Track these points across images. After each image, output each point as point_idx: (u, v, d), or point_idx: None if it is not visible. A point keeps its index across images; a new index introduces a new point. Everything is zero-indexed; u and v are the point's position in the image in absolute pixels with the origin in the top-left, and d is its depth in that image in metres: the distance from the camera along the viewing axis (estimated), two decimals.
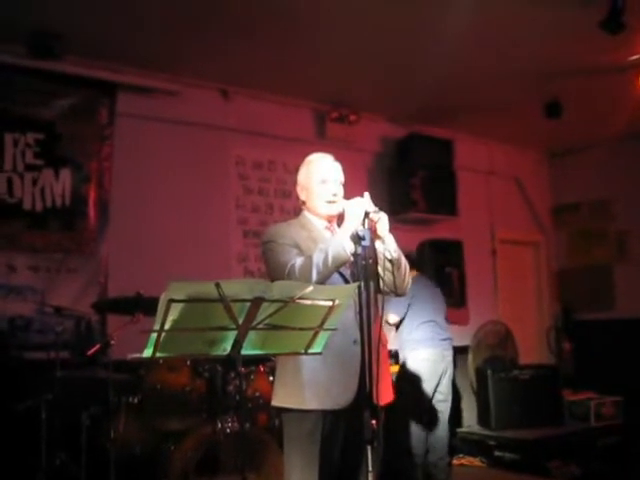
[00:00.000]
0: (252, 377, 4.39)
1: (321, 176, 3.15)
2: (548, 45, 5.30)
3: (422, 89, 6.18)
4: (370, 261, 2.87)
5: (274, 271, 2.92)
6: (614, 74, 5.77)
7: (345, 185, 3.22)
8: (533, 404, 6.17)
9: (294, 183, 3.32)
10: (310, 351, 2.26)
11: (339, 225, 3.12)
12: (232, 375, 4.28)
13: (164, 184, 5.67)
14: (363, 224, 2.86)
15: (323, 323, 2.17)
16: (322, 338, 2.24)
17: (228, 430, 4.11)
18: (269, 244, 3.03)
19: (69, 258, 5.20)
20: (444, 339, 5.16)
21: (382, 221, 2.91)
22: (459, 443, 6.15)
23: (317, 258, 2.73)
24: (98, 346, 4.14)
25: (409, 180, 6.63)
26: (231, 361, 2.13)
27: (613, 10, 4.65)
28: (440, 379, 5.09)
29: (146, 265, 5.26)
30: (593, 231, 7.85)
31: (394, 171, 6.81)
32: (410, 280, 3.14)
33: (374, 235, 2.86)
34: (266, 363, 4.45)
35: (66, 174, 5.25)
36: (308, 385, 2.89)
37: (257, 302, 1.98)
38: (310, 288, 2.05)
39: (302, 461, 2.93)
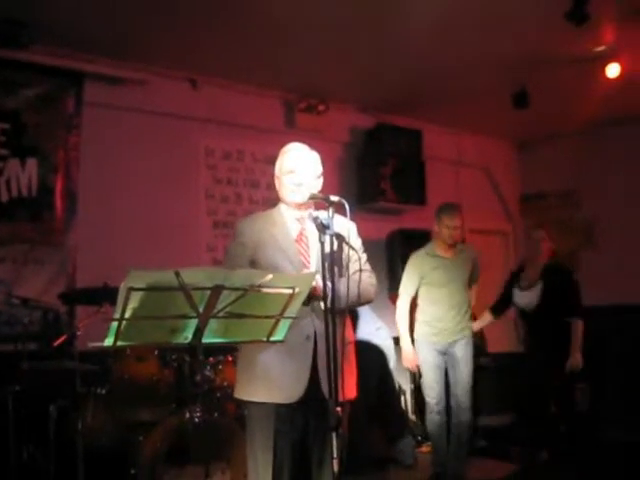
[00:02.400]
0: (220, 367, 4.39)
1: (290, 165, 3.20)
2: (515, 35, 5.34)
3: (390, 79, 6.21)
4: (336, 250, 2.92)
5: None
6: (581, 65, 5.82)
7: None
8: (501, 391, 6.26)
9: (263, 173, 3.37)
10: (272, 339, 2.28)
11: (309, 216, 3.14)
12: (200, 365, 4.29)
13: (132, 174, 5.64)
14: (328, 212, 2.90)
15: (284, 311, 2.19)
16: (283, 326, 2.27)
17: (196, 420, 4.12)
18: (232, 239, 3.20)
19: (36, 249, 5.15)
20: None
21: None
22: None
23: None
24: (64, 337, 4.12)
25: (378, 170, 6.67)
26: (193, 349, 2.14)
27: (577, 1, 4.72)
28: None
29: (114, 256, 5.22)
30: (560, 220, 7.94)
31: (363, 161, 6.86)
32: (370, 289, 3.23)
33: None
34: (234, 353, 4.46)
35: (32, 164, 5.19)
36: (261, 379, 3.00)
37: (217, 290, 1.99)
38: (270, 276, 2.07)
39: (259, 448, 3.05)
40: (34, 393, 4.15)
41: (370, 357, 5.11)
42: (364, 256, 3.27)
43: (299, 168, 3.20)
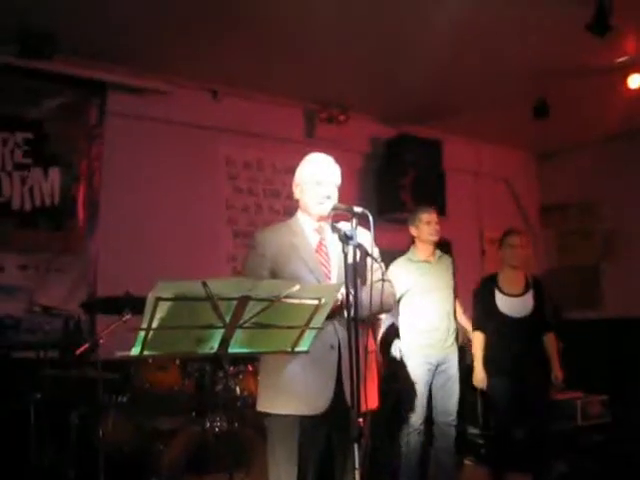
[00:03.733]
0: (240, 377, 4.39)
1: (317, 177, 3.20)
2: (536, 46, 5.33)
3: (411, 90, 6.20)
4: (358, 261, 2.92)
5: None
6: (602, 75, 5.80)
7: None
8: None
9: (283, 183, 3.37)
10: (297, 349, 2.28)
11: (332, 228, 3.16)
12: (221, 374, 4.30)
13: (154, 184, 5.68)
14: (351, 223, 2.91)
15: (309, 322, 2.19)
16: (308, 337, 2.27)
17: (217, 429, 4.13)
18: (250, 251, 3.17)
19: (58, 258, 5.21)
20: None
21: None
22: None
23: None
24: (86, 345, 4.14)
25: (398, 180, 6.67)
26: (218, 359, 2.15)
27: (600, 12, 4.68)
28: None
29: (135, 265, 5.25)
30: (581, 231, 7.90)
31: (383, 171, 6.86)
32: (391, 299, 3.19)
33: None
34: (254, 363, 4.46)
35: (55, 173, 5.26)
36: (285, 391, 2.97)
37: (244, 300, 2.00)
38: (296, 287, 2.08)
39: (281, 460, 3.02)
40: (55, 401, 4.18)
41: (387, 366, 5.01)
42: (382, 265, 3.25)
43: (328, 180, 3.21)
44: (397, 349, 4.84)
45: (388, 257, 5.53)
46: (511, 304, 4.86)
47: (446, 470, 4.83)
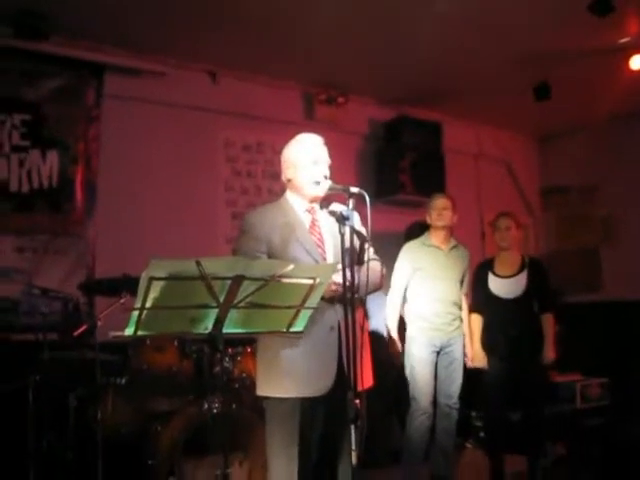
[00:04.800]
0: (238, 358, 4.39)
1: (314, 156, 3.18)
2: (537, 27, 5.28)
3: (411, 71, 6.17)
4: (355, 242, 2.92)
5: None
6: (603, 57, 5.73)
7: (333, 167, 3.25)
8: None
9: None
10: (292, 330, 2.27)
11: (322, 207, 3.16)
12: (219, 356, 4.30)
13: (152, 166, 5.66)
14: (347, 204, 2.89)
15: (304, 301, 2.18)
16: (303, 317, 2.26)
17: (214, 411, 4.13)
18: (241, 235, 3.11)
19: (56, 240, 5.19)
20: None
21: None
22: None
23: None
24: (85, 327, 4.14)
25: (397, 162, 6.62)
26: (213, 339, 2.14)
27: None
28: None
29: (134, 246, 5.25)
30: (581, 214, 7.87)
31: (382, 153, 6.82)
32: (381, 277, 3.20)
33: None
34: (252, 344, 4.45)
35: (53, 155, 5.23)
36: (286, 374, 2.97)
37: (238, 280, 1.99)
38: (291, 266, 2.06)
39: (282, 444, 3.02)
40: (54, 383, 4.17)
41: (385, 347, 5.00)
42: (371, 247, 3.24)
43: (324, 159, 3.20)
44: None
45: (388, 239, 5.56)
46: (503, 285, 4.91)
47: (446, 452, 4.85)
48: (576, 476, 5.21)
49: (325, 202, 3.18)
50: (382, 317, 5.08)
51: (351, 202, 2.88)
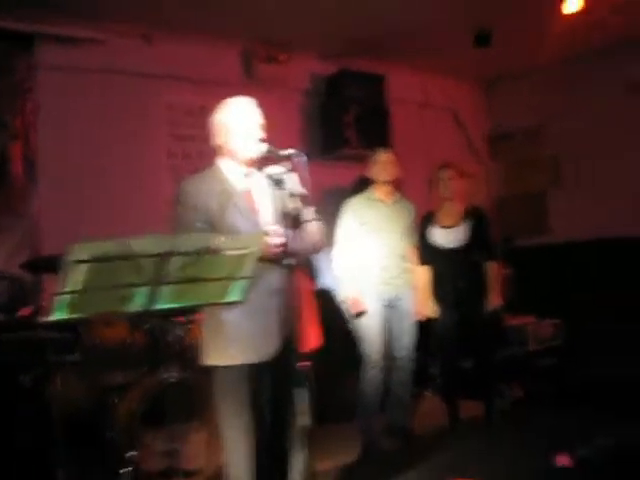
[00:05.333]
0: (190, 326, 4.37)
1: (246, 120, 3.12)
2: None
3: (351, 23, 6.08)
4: (294, 204, 2.91)
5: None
6: (540, 1, 5.75)
7: (277, 126, 3.22)
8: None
9: None
10: (228, 300, 2.25)
11: (259, 170, 3.13)
12: (171, 325, 4.29)
13: (93, 136, 5.54)
14: (284, 167, 2.88)
15: (238, 272, 2.16)
16: (239, 286, 2.24)
17: (171, 380, 4.14)
18: (177, 205, 3.08)
19: None
20: None
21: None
22: None
23: None
24: (30, 307, 4.08)
25: (341, 117, 6.57)
26: (148, 315, 2.12)
27: None
28: None
29: (80, 220, 5.18)
30: (528, 158, 7.93)
31: (325, 109, 6.76)
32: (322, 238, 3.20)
33: None
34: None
35: None
36: (231, 341, 2.97)
37: (166, 256, 1.96)
38: (220, 239, 2.04)
39: (234, 412, 3.04)
40: (4, 364, 4.12)
41: (334, 304, 5.02)
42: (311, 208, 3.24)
43: (256, 122, 3.16)
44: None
45: (335, 195, 5.55)
46: (445, 235, 4.98)
47: (402, 403, 4.92)
48: (533, 416, 5.31)
49: (262, 165, 3.16)
50: (328, 274, 5.09)
51: (286, 164, 2.87)
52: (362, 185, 5.87)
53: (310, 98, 6.86)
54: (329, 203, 5.04)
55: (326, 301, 5.26)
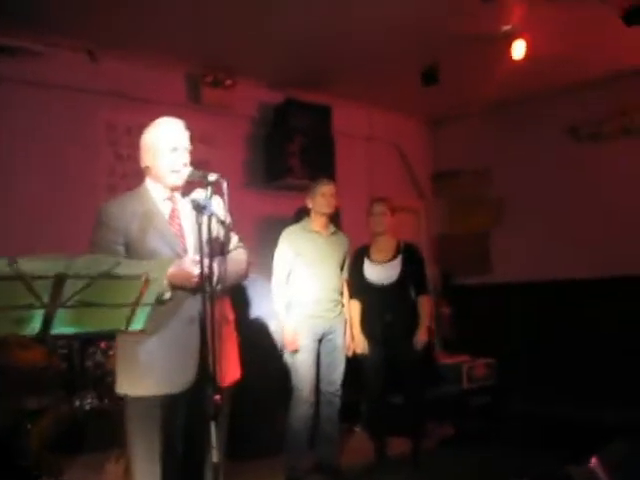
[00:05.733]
0: (111, 352, 4.24)
1: (172, 143, 3.03)
2: (423, 10, 5.26)
3: (299, 54, 6.08)
4: (218, 230, 2.83)
5: None
6: (489, 43, 5.80)
7: (222, 150, 3.15)
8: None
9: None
10: (131, 328, 2.15)
11: (183, 195, 3.05)
12: (91, 350, 4.15)
13: (29, 151, 5.39)
14: (206, 192, 2.80)
15: (139, 299, 2.07)
16: (142, 314, 2.14)
17: (87, 407, 4.01)
18: (98, 226, 2.94)
19: None
20: None
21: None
22: None
23: None
24: None
25: (286, 146, 6.55)
26: (43, 339, 2.01)
27: None
28: None
29: (13, 234, 5.04)
30: (472, 198, 8.00)
31: (271, 137, 6.71)
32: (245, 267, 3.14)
33: None
34: None
35: None
36: (145, 371, 2.85)
37: (60, 279, 1.86)
38: (117, 262, 1.95)
39: (143, 444, 2.92)
40: None
41: (268, 336, 4.94)
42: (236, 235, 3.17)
43: (183, 146, 3.07)
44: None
45: (277, 224, 5.48)
46: (378, 271, 4.96)
47: (330, 439, 4.82)
48: (460, 455, 5.28)
49: (187, 190, 3.07)
50: (264, 304, 5.00)
51: (209, 190, 2.79)
52: (303, 215, 5.83)
53: (256, 126, 6.81)
54: (269, 232, 4.98)
55: (258, 331, 5.19)
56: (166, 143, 3.02)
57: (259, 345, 5.14)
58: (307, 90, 6.82)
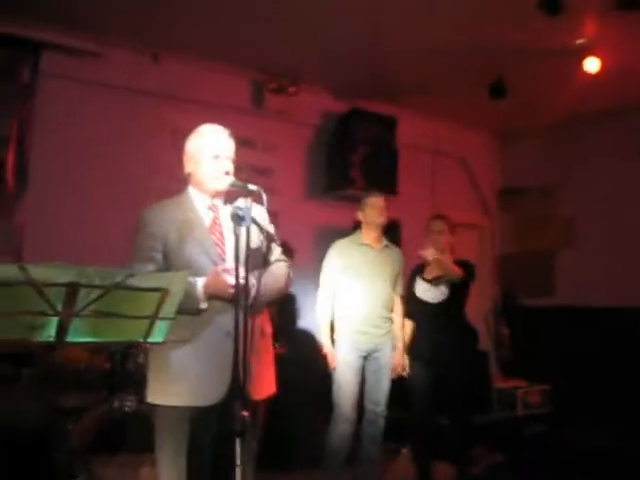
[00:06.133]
0: None
1: (215, 151, 3.00)
2: (492, 22, 5.16)
3: (366, 63, 6.03)
4: (251, 244, 2.76)
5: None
6: (560, 57, 5.61)
7: (283, 157, 3.10)
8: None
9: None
10: (150, 340, 2.10)
11: (225, 202, 3.00)
12: (133, 352, 4.15)
13: (90, 149, 5.45)
14: (245, 202, 2.75)
15: (158, 312, 2.01)
16: (162, 327, 2.09)
17: (126, 408, 4.00)
18: (137, 232, 2.94)
19: None
20: None
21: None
22: None
23: None
24: None
25: (348, 156, 6.45)
26: (58, 348, 1.98)
27: None
28: None
29: (68, 235, 5.13)
30: (540, 216, 7.73)
31: (333, 146, 6.63)
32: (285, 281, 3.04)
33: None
34: None
35: None
36: (177, 381, 2.80)
37: (72, 287, 1.82)
38: (131, 275, 1.89)
39: (171, 454, 2.86)
40: None
41: (315, 348, 4.83)
42: (278, 247, 3.09)
43: (226, 154, 3.03)
44: None
45: (335, 235, 5.40)
46: (427, 290, 4.76)
47: (371, 459, 4.70)
48: None
49: (230, 198, 3.03)
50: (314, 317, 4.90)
51: (249, 200, 2.74)
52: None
53: (318, 134, 6.75)
54: (327, 242, 4.90)
55: (304, 342, 5.12)
56: (209, 150, 2.99)
57: (306, 357, 5.05)
58: (372, 100, 6.72)
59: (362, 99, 6.69)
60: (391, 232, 5.35)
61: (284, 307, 5.45)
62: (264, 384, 2.96)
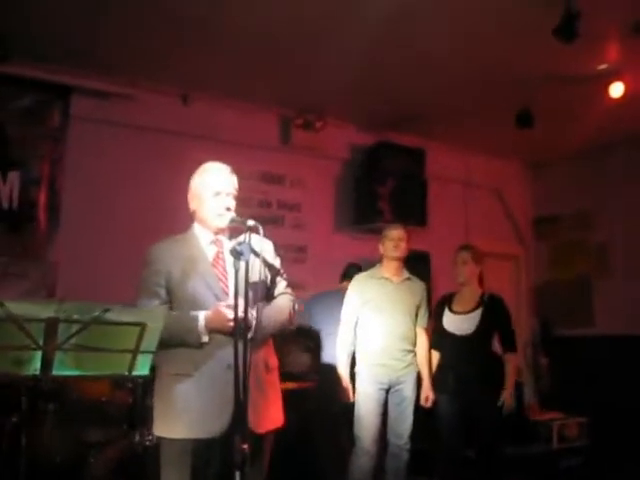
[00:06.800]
0: None
1: (215, 188, 3.09)
2: (517, 52, 5.17)
3: (392, 96, 6.07)
4: (250, 278, 2.81)
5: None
6: (585, 84, 5.58)
7: (312, 192, 3.17)
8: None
9: (257, 191, 3.25)
10: (135, 373, 2.15)
11: (230, 238, 3.07)
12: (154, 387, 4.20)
13: (119, 189, 5.60)
14: (244, 237, 2.81)
15: (138, 345, 2.06)
16: (144, 360, 2.13)
17: (147, 443, 4.04)
18: (143, 267, 3.02)
19: (16, 262, 5.18)
20: None
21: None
22: None
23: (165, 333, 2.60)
24: None
25: (376, 189, 6.49)
26: (43, 381, 2.04)
27: (566, 17, 4.50)
28: None
29: (98, 273, 5.22)
30: (574, 243, 7.61)
31: (361, 180, 6.67)
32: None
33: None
34: None
35: (14, 177, 5.22)
36: (180, 414, 2.84)
37: (52, 322, 1.88)
38: (108, 309, 1.95)
39: None
40: None
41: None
42: (284, 281, 3.14)
43: (226, 190, 3.12)
44: None
45: (364, 268, 5.40)
46: (455, 322, 4.71)
47: None
48: None
49: (232, 234, 3.10)
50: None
51: (248, 235, 2.80)
52: None
53: (346, 167, 6.80)
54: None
55: (325, 376, 5.10)
56: (209, 187, 3.09)
57: (324, 388, 5.05)
58: (400, 132, 6.76)
59: (390, 131, 6.73)
60: (420, 264, 5.34)
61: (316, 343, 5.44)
62: (269, 417, 2.98)
